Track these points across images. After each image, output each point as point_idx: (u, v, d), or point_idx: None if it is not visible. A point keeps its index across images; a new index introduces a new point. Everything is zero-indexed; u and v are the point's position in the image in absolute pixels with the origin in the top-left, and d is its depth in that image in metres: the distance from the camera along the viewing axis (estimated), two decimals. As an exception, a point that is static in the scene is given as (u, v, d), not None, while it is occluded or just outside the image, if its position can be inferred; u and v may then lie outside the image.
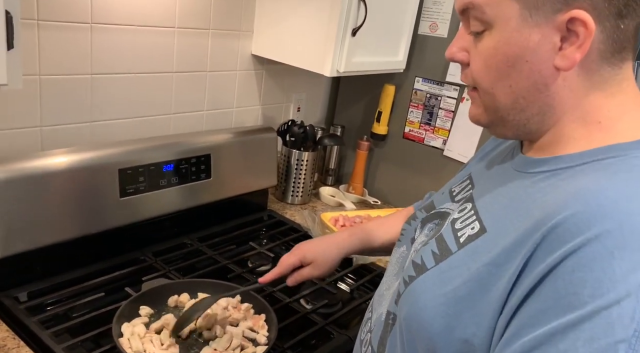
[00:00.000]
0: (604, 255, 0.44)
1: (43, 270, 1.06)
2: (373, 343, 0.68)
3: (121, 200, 1.13)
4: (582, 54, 0.50)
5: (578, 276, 0.44)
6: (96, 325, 0.94)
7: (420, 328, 0.57)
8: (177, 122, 1.37)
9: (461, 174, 0.75)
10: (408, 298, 0.60)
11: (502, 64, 0.54)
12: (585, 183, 0.49)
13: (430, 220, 0.70)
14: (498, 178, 0.62)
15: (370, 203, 1.71)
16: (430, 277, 0.58)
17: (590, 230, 0.45)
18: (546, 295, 0.46)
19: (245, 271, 1.21)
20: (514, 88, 0.54)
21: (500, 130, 0.60)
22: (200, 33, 1.34)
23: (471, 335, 0.52)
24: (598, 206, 0.46)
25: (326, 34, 1.30)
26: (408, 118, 1.65)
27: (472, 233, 0.57)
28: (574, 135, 0.55)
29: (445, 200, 0.71)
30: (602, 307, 0.43)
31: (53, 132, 1.13)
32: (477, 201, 0.61)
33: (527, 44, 0.52)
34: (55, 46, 1.07)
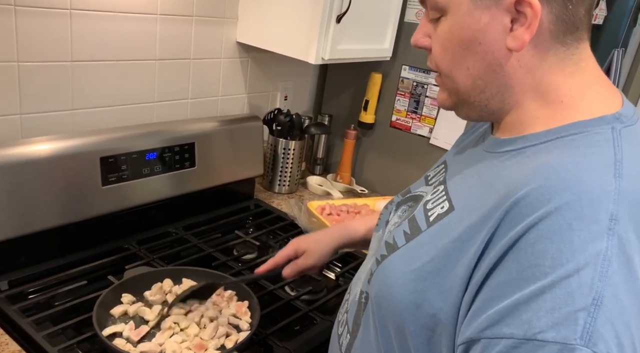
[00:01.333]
0: (563, 226, 0.45)
1: (25, 258, 1.05)
2: (349, 323, 0.70)
3: (103, 188, 1.12)
4: (530, 34, 0.52)
5: (539, 248, 0.46)
6: (78, 313, 0.94)
7: (390, 305, 0.59)
8: (160, 110, 1.36)
9: (438, 161, 0.77)
10: (379, 277, 0.62)
11: (458, 47, 0.56)
12: (547, 159, 0.51)
13: (404, 203, 0.72)
14: (469, 160, 0.64)
15: (358, 192, 1.71)
16: (400, 255, 0.60)
17: (550, 203, 0.46)
18: (509, 267, 0.47)
19: (230, 259, 1.21)
20: (471, 70, 0.56)
21: (465, 112, 0.61)
22: (183, 20, 1.32)
23: (438, 310, 0.53)
24: (558, 180, 0.48)
25: (310, 21, 1.29)
26: (395, 106, 1.65)
27: (441, 212, 0.59)
28: (538, 114, 0.56)
29: (420, 184, 0.73)
30: (562, 277, 0.44)
31: (33, 119, 1.11)
32: (448, 183, 0.63)
33: (478, 27, 0.54)
34: (33, 32, 1.06)
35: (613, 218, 0.45)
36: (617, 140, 0.51)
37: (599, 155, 0.50)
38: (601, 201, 0.46)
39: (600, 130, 0.52)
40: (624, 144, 0.51)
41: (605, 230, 0.45)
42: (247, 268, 1.18)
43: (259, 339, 0.95)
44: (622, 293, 0.44)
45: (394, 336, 0.59)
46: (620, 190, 0.47)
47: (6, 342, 0.86)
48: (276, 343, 0.94)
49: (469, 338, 0.48)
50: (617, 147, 0.50)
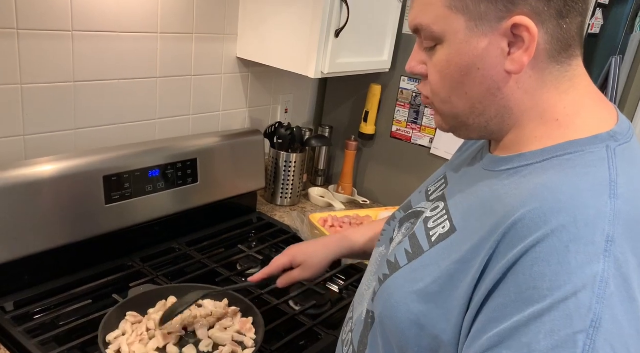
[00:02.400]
0: (560, 248, 0.46)
1: (29, 279, 1.05)
2: (354, 342, 0.69)
3: (107, 206, 1.13)
4: (529, 56, 0.53)
5: (537, 270, 0.46)
6: (83, 333, 0.94)
7: (393, 325, 0.59)
8: (162, 127, 1.37)
9: (438, 173, 0.77)
10: (382, 296, 0.62)
11: (456, 74, 0.56)
12: (543, 180, 0.51)
13: (407, 220, 0.71)
14: (468, 177, 0.64)
15: (360, 203, 1.71)
16: (402, 275, 0.61)
17: (547, 225, 0.47)
18: (508, 290, 0.48)
19: (234, 274, 1.22)
20: (470, 95, 0.57)
21: (465, 133, 0.62)
22: (183, 37, 1.34)
23: (441, 331, 0.54)
24: (554, 201, 0.48)
25: (309, 36, 1.31)
26: (395, 117, 1.66)
27: (442, 233, 0.59)
28: (535, 133, 0.56)
29: (421, 199, 0.73)
30: (560, 300, 0.45)
31: (36, 140, 1.13)
32: (448, 200, 0.63)
33: (476, 53, 0.54)
34: (36, 55, 1.07)
35: (609, 239, 0.46)
36: (611, 160, 0.51)
37: (594, 175, 0.50)
38: (597, 222, 0.46)
39: (595, 149, 0.52)
40: (618, 163, 0.51)
41: (601, 251, 0.45)
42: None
43: (264, 356, 0.95)
44: (620, 314, 0.44)
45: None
46: (615, 210, 0.47)
47: (12, 364, 0.86)
48: (281, 360, 0.95)
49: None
50: (611, 167, 0.50)
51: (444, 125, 0.63)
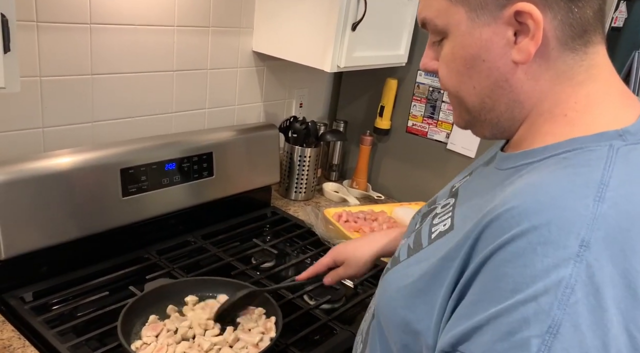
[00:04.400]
0: (527, 250, 0.44)
1: (48, 270, 1.07)
2: (363, 332, 0.72)
3: (124, 199, 1.14)
4: (536, 44, 0.50)
5: (503, 271, 0.45)
6: (101, 324, 0.95)
7: (386, 318, 0.60)
8: (178, 120, 1.38)
9: (465, 171, 0.76)
10: (380, 289, 0.64)
11: (462, 67, 0.55)
12: (533, 179, 0.49)
13: (429, 215, 0.71)
14: (481, 176, 0.64)
15: (374, 198, 1.70)
16: (398, 270, 0.62)
17: (520, 226, 0.45)
18: (477, 288, 0.48)
19: (249, 268, 1.22)
20: (478, 88, 0.55)
21: (479, 130, 0.61)
22: (200, 31, 1.34)
23: (424, 327, 0.54)
24: (533, 202, 0.46)
25: (326, 29, 1.30)
26: (411, 112, 1.64)
27: (442, 230, 0.59)
28: (542, 129, 0.54)
29: (446, 195, 0.72)
30: (520, 302, 0.43)
31: (55, 133, 1.13)
32: (458, 197, 0.63)
33: (480, 44, 0.53)
34: (55, 47, 1.08)
35: (583, 244, 0.42)
36: (610, 160, 0.47)
37: (585, 176, 0.47)
38: (573, 226, 0.43)
39: (597, 147, 0.49)
40: (618, 163, 0.47)
41: (572, 256, 0.42)
42: (266, 276, 1.18)
43: (280, 349, 0.95)
44: (584, 323, 0.41)
45: (393, 349, 0.60)
46: (597, 214, 0.43)
47: (32, 354, 0.87)
48: (296, 354, 0.94)
49: (441, 351, 0.49)
50: (607, 168, 0.47)
51: (460, 121, 0.62)
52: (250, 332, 0.93)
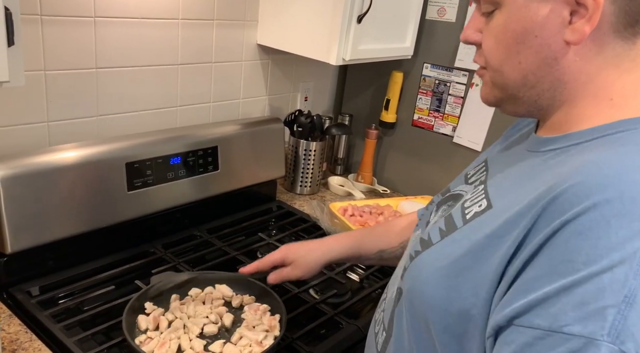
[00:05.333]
0: (601, 223, 0.44)
1: (54, 264, 1.07)
2: (385, 321, 0.69)
3: (129, 193, 1.14)
4: (591, 26, 0.50)
5: (573, 244, 0.45)
6: (107, 318, 0.95)
7: (422, 301, 0.58)
8: (183, 114, 1.37)
9: (478, 160, 0.76)
10: (412, 272, 0.62)
11: (512, 41, 0.54)
12: (590, 157, 0.49)
13: (444, 203, 0.70)
14: (511, 159, 0.62)
15: (380, 192, 1.70)
16: (433, 251, 0.60)
17: (589, 200, 0.45)
18: (542, 263, 0.47)
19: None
20: (524, 64, 0.55)
21: (512, 108, 0.60)
22: (204, 24, 1.33)
23: (470, 305, 0.53)
24: (600, 176, 0.46)
25: (331, 22, 1.28)
26: (417, 105, 1.63)
27: (478, 210, 0.58)
28: (586, 112, 0.54)
29: (459, 182, 0.72)
30: (594, 273, 0.43)
31: (60, 127, 1.13)
32: (488, 182, 0.62)
33: (535, 19, 0.52)
34: (59, 41, 1.07)
35: None
36: None
37: None
38: None
39: None
40: None
41: None
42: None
43: (286, 344, 0.95)
44: None
45: (425, 332, 0.59)
46: None
47: (39, 348, 0.87)
48: (303, 348, 0.94)
49: (497, 325, 0.48)
50: None
51: (490, 97, 0.60)
52: (255, 329, 0.93)
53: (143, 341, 0.87)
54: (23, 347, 0.87)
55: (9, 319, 0.93)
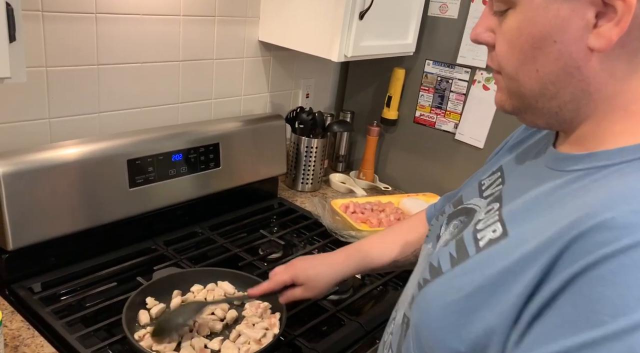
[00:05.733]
0: (631, 269, 0.39)
1: (56, 261, 1.07)
2: (393, 346, 0.65)
3: (131, 190, 1.14)
4: (620, 31, 0.44)
5: (599, 291, 0.39)
6: (109, 315, 0.95)
7: (430, 337, 0.54)
8: (184, 111, 1.37)
9: (491, 164, 0.69)
10: (420, 304, 0.57)
11: (527, 46, 0.49)
12: (619, 186, 0.44)
13: (456, 217, 0.65)
14: (529, 176, 0.56)
15: (381, 190, 1.69)
16: (443, 283, 0.54)
17: (619, 241, 0.39)
18: (562, 310, 0.42)
19: (256, 259, 1.22)
20: (541, 73, 0.49)
21: (530, 118, 0.54)
22: (206, 20, 1.32)
23: (483, 346, 0.48)
24: (631, 214, 0.40)
25: (333, 18, 1.28)
26: (419, 102, 1.63)
27: (492, 237, 0.52)
28: (614, 128, 0.48)
29: (473, 194, 0.65)
30: (624, 329, 0.38)
31: (61, 123, 1.13)
32: (504, 201, 0.56)
33: (554, 22, 0.46)
34: (60, 37, 1.07)
35: None
36: None
37: None
38: None
39: None
40: None
41: None
42: (273, 268, 1.18)
43: (287, 341, 0.95)
44: None
45: None
46: None
47: (41, 344, 0.88)
48: (304, 345, 0.94)
49: None
50: None
51: (506, 105, 0.54)
52: (254, 327, 0.93)
53: (142, 336, 0.88)
54: (25, 343, 0.87)
55: (11, 316, 0.93)
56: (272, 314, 0.96)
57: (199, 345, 0.87)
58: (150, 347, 0.85)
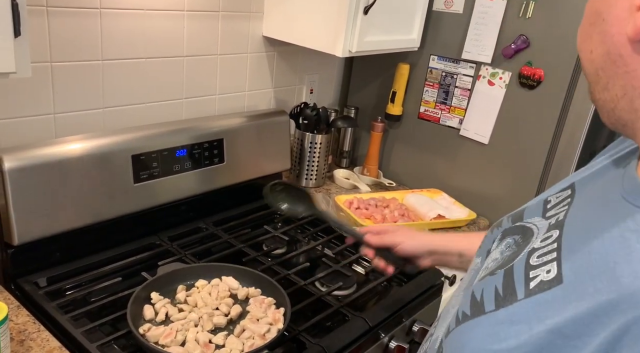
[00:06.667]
0: None
1: (61, 255, 1.07)
2: None
3: (135, 185, 1.14)
4: None
5: None
6: (114, 310, 0.96)
7: None
8: (189, 106, 1.37)
9: (566, 179, 0.59)
10: (454, 342, 0.51)
11: (586, 20, 0.45)
12: None
13: (511, 234, 0.57)
14: (599, 203, 0.48)
15: (385, 185, 1.69)
16: (483, 326, 0.48)
17: None
18: None
19: (260, 254, 1.22)
20: (594, 54, 0.44)
21: (599, 112, 0.47)
22: (210, 15, 1.32)
23: None
24: None
25: (337, 13, 1.27)
26: (423, 97, 1.62)
27: (545, 280, 0.45)
28: None
29: (536, 211, 0.57)
30: None
31: (66, 119, 1.13)
32: (565, 230, 0.48)
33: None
34: (65, 32, 1.07)
35: None
36: None
37: None
38: None
39: None
40: None
41: None
42: (278, 263, 1.18)
43: (291, 336, 0.95)
44: None
45: None
46: None
47: (47, 338, 0.88)
48: (308, 340, 0.94)
49: None
50: None
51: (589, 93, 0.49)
52: (259, 322, 0.93)
53: (147, 330, 0.88)
54: (31, 338, 0.88)
55: (17, 310, 0.94)
56: (276, 309, 0.96)
57: (204, 340, 0.88)
58: (156, 342, 0.86)
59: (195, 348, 0.85)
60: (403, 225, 1.37)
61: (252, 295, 1.01)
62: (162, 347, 0.85)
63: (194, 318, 0.92)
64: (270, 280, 1.02)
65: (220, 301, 0.97)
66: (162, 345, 0.85)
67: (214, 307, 0.96)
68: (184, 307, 0.95)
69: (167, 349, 0.85)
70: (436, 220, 1.44)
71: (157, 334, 0.87)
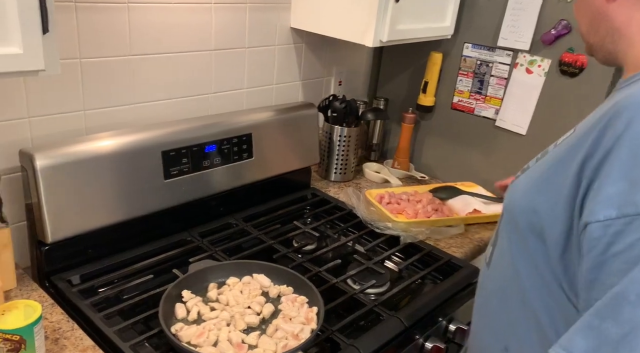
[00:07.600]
0: None
1: (93, 253, 1.07)
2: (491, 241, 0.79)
3: (166, 182, 1.13)
4: None
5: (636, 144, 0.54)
6: (146, 308, 0.95)
7: (514, 206, 0.69)
8: (217, 101, 1.35)
9: None
10: (511, 190, 0.72)
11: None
12: None
13: None
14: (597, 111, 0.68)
15: (418, 179, 1.64)
16: (528, 172, 0.71)
17: None
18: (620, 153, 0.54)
19: (291, 251, 1.20)
20: (585, 12, 0.68)
21: (596, 55, 0.70)
22: (237, 7, 1.29)
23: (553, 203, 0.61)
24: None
25: (367, 2, 1.23)
26: (457, 87, 1.56)
27: (566, 137, 0.68)
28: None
29: None
30: None
31: (96, 115, 1.13)
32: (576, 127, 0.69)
33: None
34: (93, 28, 1.06)
35: None
36: None
37: None
38: None
39: None
40: None
41: None
42: (309, 260, 1.16)
43: (325, 336, 0.93)
44: None
45: (515, 233, 0.68)
46: None
47: (80, 337, 0.88)
48: (342, 341, 0.92)
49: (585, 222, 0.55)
50: None
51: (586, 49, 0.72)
52: (291, 321, 0.91)
53: (179, 330, 0.87)
54: (65, 336, 0.88)
55: (51, 308, 0.94)
56: (309, 308, 0.94)
57: (236, 340, 0.86)
58: (188, 342, 0.85)
59: (228, 348, 0.84)
60: (437, 220, 1.33)
61: (283, 293, 0.99)
62: (194, 347, 0.84)
63: (226, 318, 0.91)
64: (302, 278, 1.00)
65: (252, 299, 0.96)
66: (194, 345, 0.84)
67: (246, 305, 0.94)
68: (216, 306, 0.94)
69: (200, 349, 0.83)
70: (472, 214, 1.39)
71: (190, 334, 0.86)
